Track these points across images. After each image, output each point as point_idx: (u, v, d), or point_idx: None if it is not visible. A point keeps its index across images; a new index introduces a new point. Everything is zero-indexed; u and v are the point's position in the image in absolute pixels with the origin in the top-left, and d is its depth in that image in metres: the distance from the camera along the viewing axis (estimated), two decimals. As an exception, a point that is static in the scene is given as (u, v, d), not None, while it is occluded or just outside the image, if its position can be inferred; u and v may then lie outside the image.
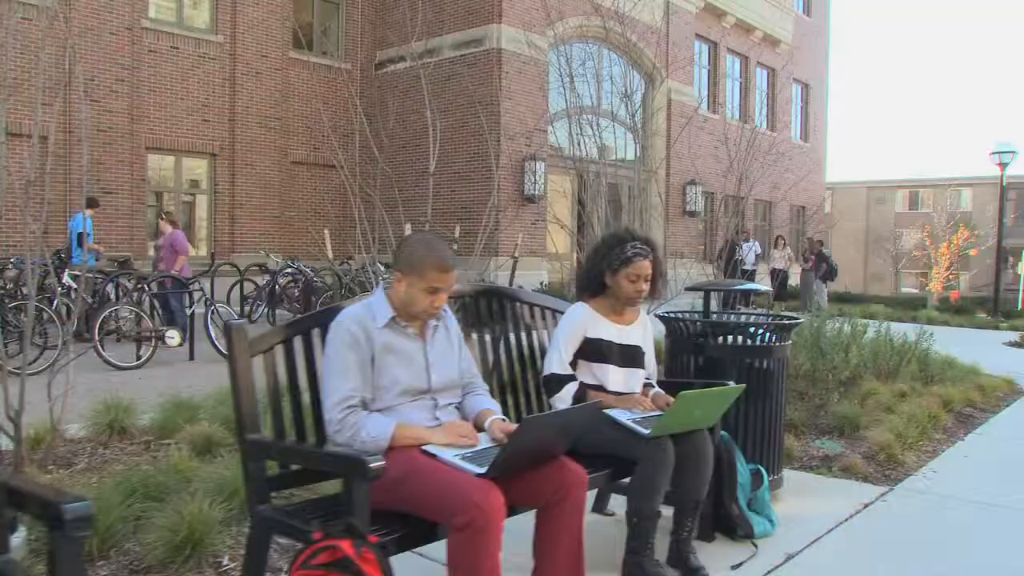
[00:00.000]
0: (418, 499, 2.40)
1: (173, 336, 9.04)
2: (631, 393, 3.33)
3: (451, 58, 16.80)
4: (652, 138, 20.58)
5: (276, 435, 2.70)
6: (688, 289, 4.25)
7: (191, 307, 9.56)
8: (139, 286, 9.84)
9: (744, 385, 3.28)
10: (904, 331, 8.22)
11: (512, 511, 2.55)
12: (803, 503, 4.16)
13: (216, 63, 16.22)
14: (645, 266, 3.31)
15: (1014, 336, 14.51)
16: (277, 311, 13.24)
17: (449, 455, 2.46)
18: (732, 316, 4.51)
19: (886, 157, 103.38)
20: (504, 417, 2.75)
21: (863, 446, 5.23)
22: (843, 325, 8.16)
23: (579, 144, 8.69)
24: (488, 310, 3.61)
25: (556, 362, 3.33)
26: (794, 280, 19.64)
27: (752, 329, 4.13)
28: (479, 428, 2.70)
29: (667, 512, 3.15)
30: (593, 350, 3.34)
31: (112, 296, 10.38)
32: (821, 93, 29.32)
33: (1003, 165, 18.05)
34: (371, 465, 2.16)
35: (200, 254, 16.28)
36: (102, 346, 8.46)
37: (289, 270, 13.64)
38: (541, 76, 16.89)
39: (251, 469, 2.55)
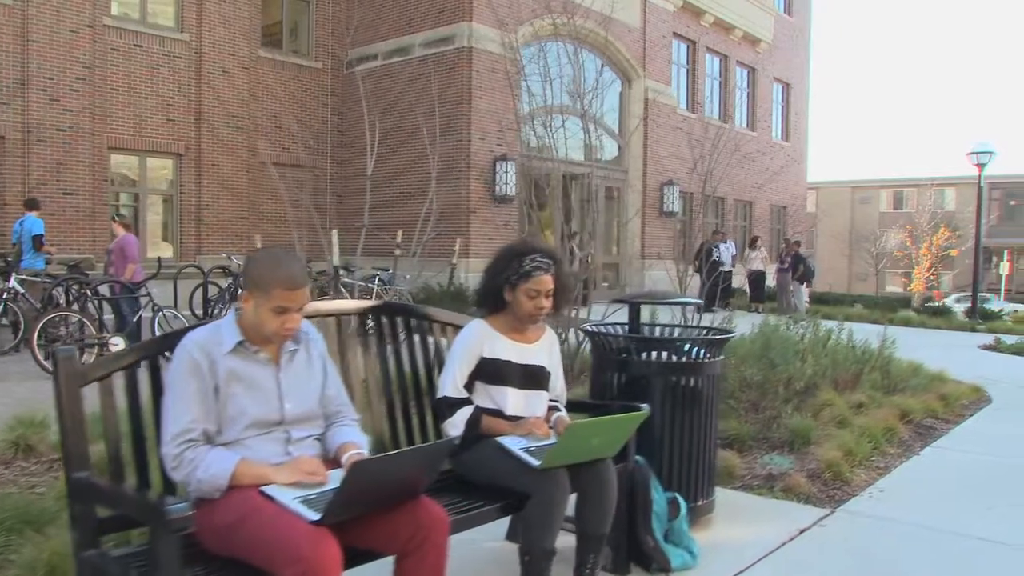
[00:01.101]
0: (249, 547, 2.14)
1: (118, 343, 8.72)
2: (530, 417, 3.07)
3: (421, 57, 16.52)
4: (628, 138, 20.38)
5: (112, 473, 2.42)
6: (614, 301, 3.99)
7: (138, 313, 9.26)
8: (82, 292, 9.52)
9: (647, 411, 3.02)
10: (873, 335, 8.01)
11: (366, 557, 2.29)
12: (735, 529, 3.91)
13: (181, 61, 15.88)
14: (546, 281, 3.06)
15: (990, 339, 14.33)
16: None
17: (288, 497, 2.19)
18: (662, 329, 4.24)
19: (871, 157, 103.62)
20: (363, 451, 2.48)
21: (812, 463, 4.99)
22: (805, 332, 7.95)
23: (547, 144, 8.46)
24: (389, 327, 3.35)
25: (449, 384, 3.07)
26: (772, 281, 19.41)
27: (679, 344, 3.87)
28: (338, 464, 2.43)
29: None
30: (490, 371, 3.08)
31: (62, 301, 10.07)
32: (802, 92, 29.14)
33: (980, 166, 17.88)
34: (168, 517, 1.89)
35: (165, 256, 15.95)
36: (42, 354, 8.16)
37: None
38: (513, 75, 16.61)
39: (75, 510, 2.28)
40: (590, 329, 4.00)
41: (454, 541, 2.44)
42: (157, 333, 9.14)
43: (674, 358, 3.79)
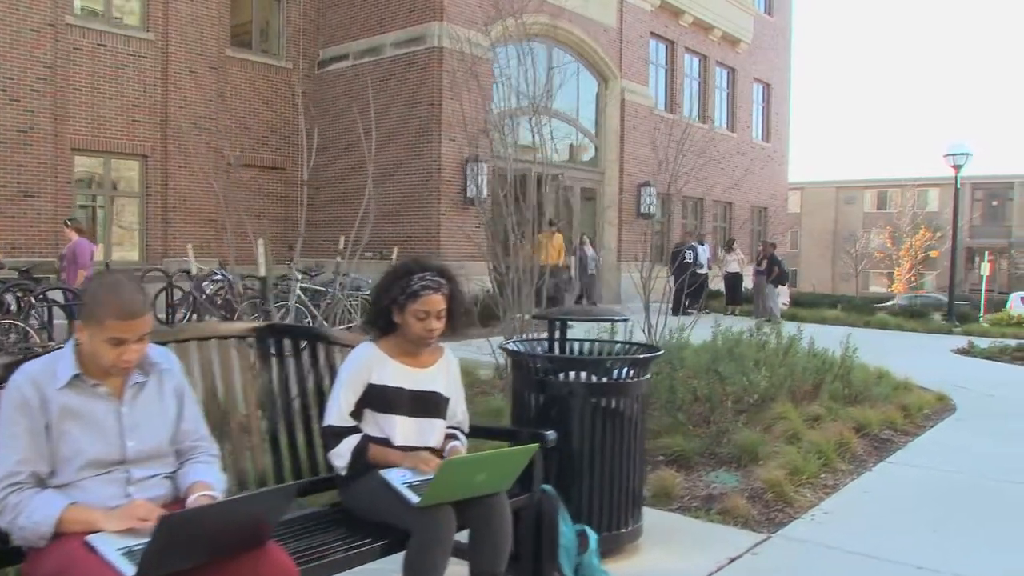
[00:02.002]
0: (65, 604, 1.92)
1: (64, 352, 8.46)
2: (422, 448, 2.86)
3: (392, 57, 16.29)
4: (605, 138, 20.21)
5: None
6: (535, 318, 3.79)
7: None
8: (25, 298, 9.26)
9: (536, 445, 2.81)
10: (843, 340, 7.84)
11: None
12: (660, 558, 3.71)
13: (147, 61, 15.60)
14: (435, 301, 2.85)
15: (964, 342, 14.21)
16: (207, 318, 12.72)
17: (112, 548, 1.98)
18: (588, 346, 4.03)
19: (857, 157, 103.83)
20: (212, 493, 2.26)
21: (757, 481, 4.80)
22: (766, 340, 7.78)
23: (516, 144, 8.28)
24: (276, 350, 3.13)
25: (334, 412, 2.86)
26: (749, 283, 19.23)
27: (601, 364, 3.67)
28: (183, 506, 2.22)
29: None
30: (378, 398, 2.87)
31: (13, 307, 9.82)
32: (783, 93, 29.02)
33: (957, 167, 17.76)
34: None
35: (131, 258, 15.70)
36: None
37: (217, 276, 13.09)
38: (485, 75, 16.39)
39: None
40: (510, 347, 3.79)
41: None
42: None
43: (594, 378, 3.59)
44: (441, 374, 3.01)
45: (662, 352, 3.93)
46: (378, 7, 16.74)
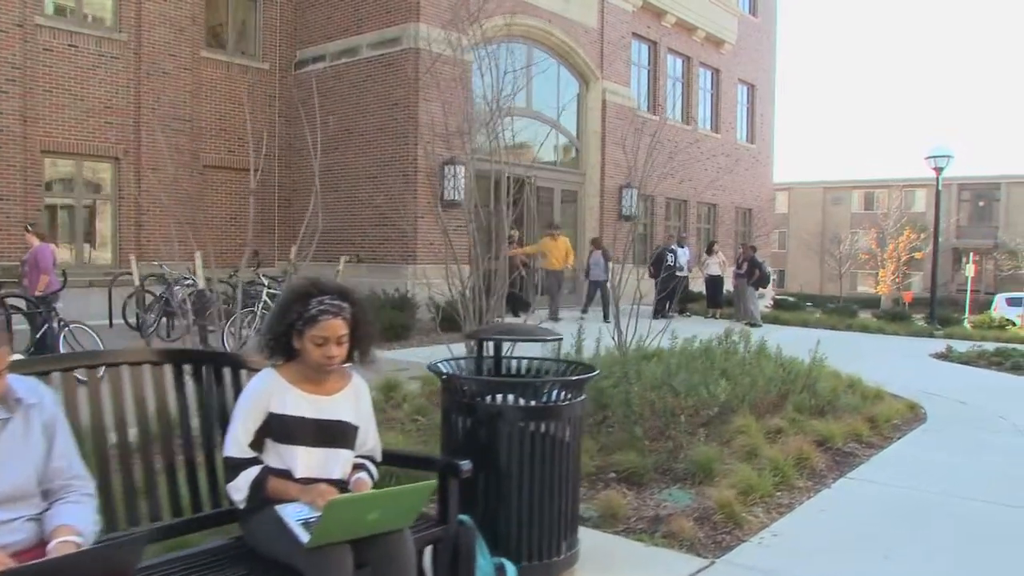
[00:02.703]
0: None
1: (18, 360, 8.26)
2: (325, 480, 2.70)
3: (369, 58, 16.11)
4: (586, 140, 20.06)
5: None
6: (467, 337, 3.64)
7: (42, 329, 8.80)
8: (-20, 307, 9.05)
9: (433, 483, 2.65)
10: (821, 345, 7.72)
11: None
12: (596, 588, 3.56)
13: (120, 62, 15.37)
14: (334, 326, 2.69)
15: (943, 346, 14.11)
16: (176, 323, 12.55)
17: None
18: (523, 365, 3.88)
19: (845, 157, 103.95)
20: (76, 538, 2.10)
21: (709, 501, 4.65)
22: (729, 348, 7.64)
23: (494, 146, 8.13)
24: (177, 376, 2.97)
25: (232, 443, 2.71)
26: (730, 286, 19.13)
27: (531, 387, 3.51)
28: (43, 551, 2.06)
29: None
30: (278, 428, 2.71)
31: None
32: (767, 94, 28.93)
33: (938, 169, 17.69)
34: None
35: (103, 262, 15.49)
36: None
37: (188, 280, 12.87)
38: (463, 76, 16.23)
39: None
40: (440, 367, 3.63)
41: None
42: (63, 351, 8.69)
43: (523, 401, 3.43)
44: (348, 401, 2.85)
45: (597, 373, 3.77)
46: (355, 7, 16.56)
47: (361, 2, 16.43)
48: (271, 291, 10.44)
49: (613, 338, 9.16)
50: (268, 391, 2.74)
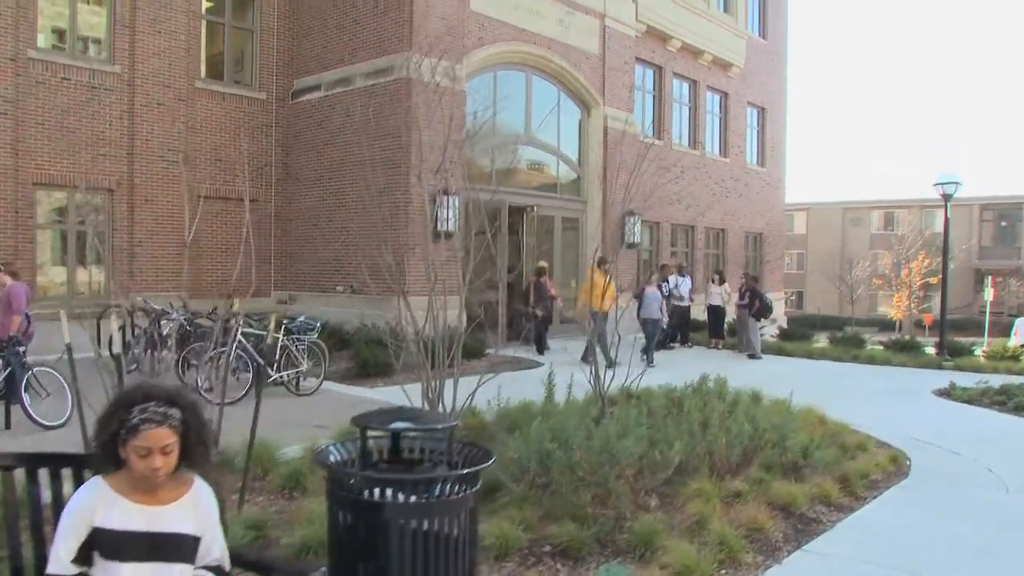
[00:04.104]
0: None
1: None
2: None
3: (362, 87, 16.00)
4: (588, 167, 19.83)
5: None
6: (354, 421, 3.40)
7: (6, 371, 8.65)
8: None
9: None
10: (823, 377, 7.42)
11: None
12: None
13: (113, 94, 15.35)
14: (158, 436, 2.46)
15: (949, 380, 13.66)
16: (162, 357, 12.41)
17: None
18: (418, 444, 3.60)
19: (865, 177, 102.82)
20: None
21: (647, 580, 4.36)
22: (706, 400, 7.35)
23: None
24: (30, 481, 2.74)
25: (54, 560, 2.48)
26: (733, 316, 18.73)
27: (413, 484, 3.24)
28: None
29: None
30: (105, 543, 2.48)
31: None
32: (779, 116, 28.58)
33: (946, 196, 17.24)
34: None
35: (95, 293, 15.42)
36: None
37: (171, 315, 12.73)
38: (458, 106, 16.08)
39: None
40: (328, 454, 3.38)
41: None
42: (24, 396, 8.54)
43: (401, 497, 3.16)
44: (186, 510, 2.61)
45: (492, 461, 3.49)
46: (350, 37, 16.48)
47: (355, 32, 16.35)
48: (246, 330, 10.23)
49: (589, 381, 8.90)
50: (92, 504, 2.51)
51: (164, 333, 12.72)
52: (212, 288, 16.77)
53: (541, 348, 16.00)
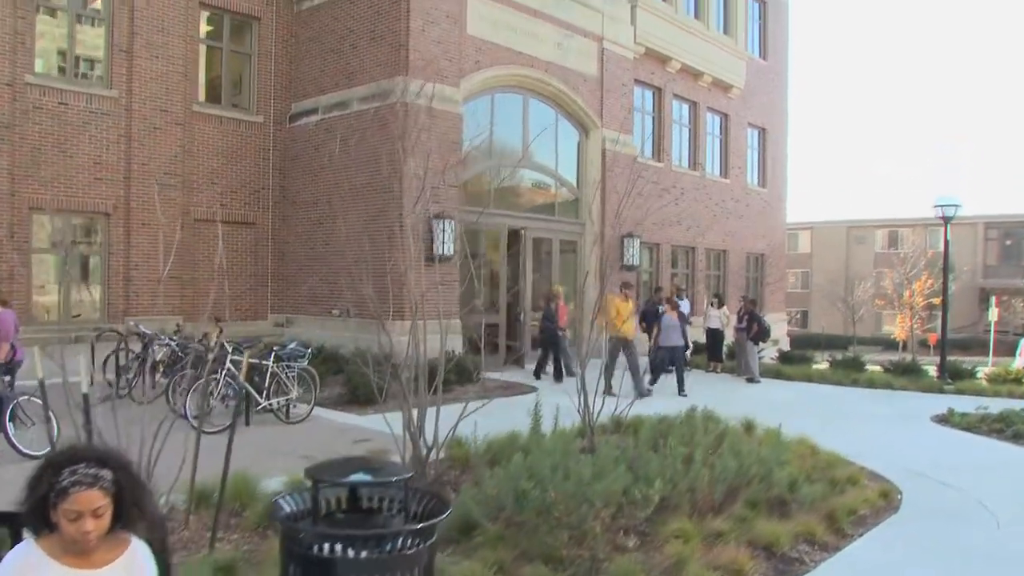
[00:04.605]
0: None
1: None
2: None
3: (359, 111, 16.01)
4: (586, 189, 19.80)
5: None
6: (308, 473, 3.32)
7: (-8, 401, 8.60)
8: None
9: None
10: (822, 401, 7.33)
11: None
12: None
13: (110, 119, 15.40)
14: (88, 499, 2.38)
15: (952, 404, 13.53)
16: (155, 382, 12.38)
17: None
18: (376, 495, 3.53)
19: (871, 196, 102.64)
20: None
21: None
22: (693, 432, 7.26)
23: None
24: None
25: (-25, 634, 2.40)
26: (732, 339, 18.61)
27: (365, 540, 3.16)
28: None
29: None
30: (34, 610, 2.40)
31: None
32: (780, 137, 28.55)
33: (945, 219, 17.14)
34: None
35: (91, 317, 15.39)
36: None
37: (163, 340, 12.69)
38: (454, 130, 16.10)
39: None
40: (280, 508, 3.31)
41: None
42: (9, 427, 8.48)
43: (352, 552, 3.09)
44: (120, 574, 2.53)
45: (448, 512, 3.41)
46: (347, 61, 16.52)
47: (352, 56, 16.39)
48: (235, 358, 10.16)
49: (579, 411, 8.81)
50: (22, 569, 2.44)
51: (157, 358, 12.70)
52: (209, 311, 16.74)
53: (558, 376, 15.60)
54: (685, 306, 18.05)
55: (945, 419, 12.34)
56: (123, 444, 4.94)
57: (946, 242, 17.67)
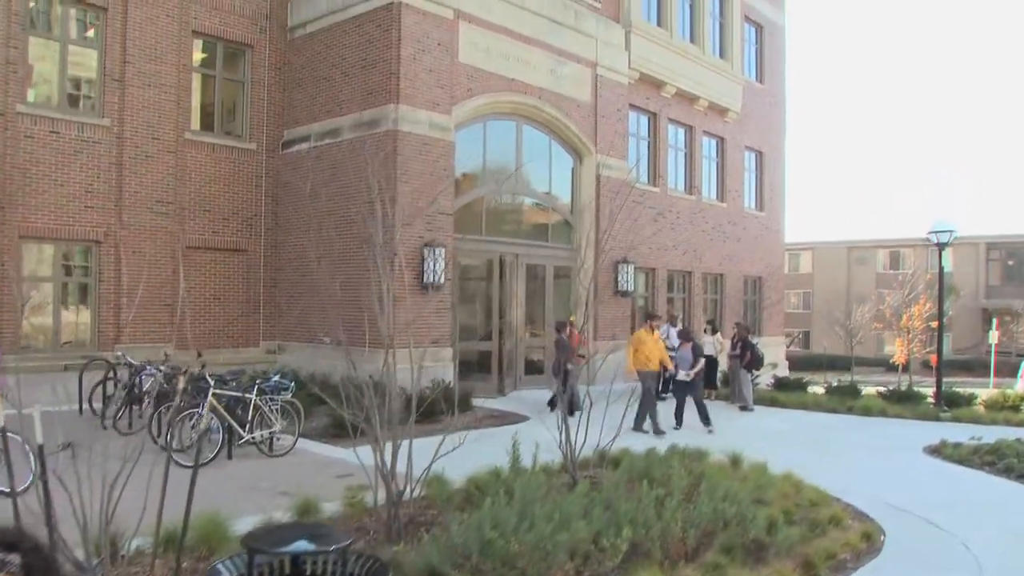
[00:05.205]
0: None
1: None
2: None
3: (350, 139, 16.01)
4: (580, 215, 19.76)
5: None
6: (244, 542, 3.24)
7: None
8: None
9: None
10: (817, 430, 7.20)
11: None
12: None
13: (102, 147, 15.42)
14: None
15: (948, 432, 13.39)
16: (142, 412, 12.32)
17: None
18: (312, 557, 3.45)
19: (872, 216, 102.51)
20: None
21: None
22: (670, 473, 7.16)
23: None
24: None
25: None
26: (725, 367, 18.49)
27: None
28: None
29: None
30: None
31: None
32: (777, 160, 28.53)
33: (940, 246, 17.05)
34: None
35: (81, 344, 15.35)
36: None
37: (149, 370, 12.61)
38: (445, 157, 16.09)
39: None
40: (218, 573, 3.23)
41: None
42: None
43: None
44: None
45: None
46: (338, 89, 16.55)
47: (344, 84, 16.42)
48: (216, 391, 10.09)
49: (561, 448, 8.72)
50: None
51: (145, 388, 12.64)
52: (201, 339, 16.71)
53: (572, 410, 14.65)
54: (666, 331, 17.92)
55: (937, 450, 12.20)
56: (86, 485, 4.88)
57: (940, 269, 17.57)
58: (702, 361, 14.48)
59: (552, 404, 15.10)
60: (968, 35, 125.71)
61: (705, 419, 13.65)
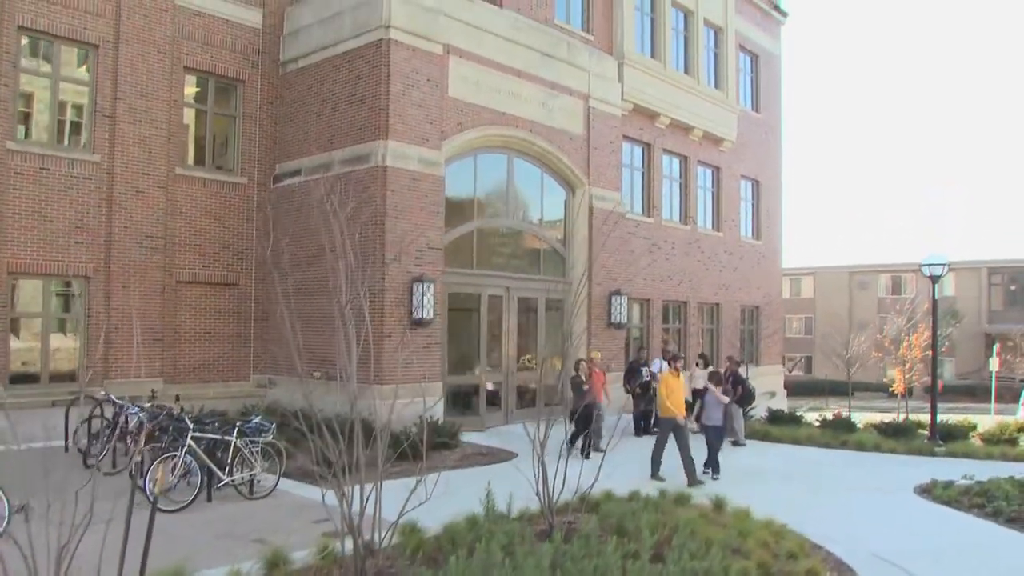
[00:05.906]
0: None
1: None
2: None
3: (340, 174, 16.03)
4: (573, 247, 19.72)
5: None
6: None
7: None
8: None
9: None
10: (808, 466, 7.10)
11: None
12: None
13: (92, 183, 15.43)
14: None
15: (942, 469, 13.27)
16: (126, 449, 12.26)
17: None
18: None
19: (874, 241, 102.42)
20: None
21: None
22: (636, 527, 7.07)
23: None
24: None
25: None
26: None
27: None
28: None
29: None
30: None
31: None
32: (774, 188, 28.54)
33: (933, 278, 16.96)
34: None
35: (70, 379, 15.29)
36: None
37: (133, 410, 12.55)
38: (435, 192, 16.08)
39: None
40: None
41: None
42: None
43: None
44: None
45: None
46: (328, 124, 16.59)
47: (334, 119, 16.46)
48: (195, 434, 10.02)
49: (538, 493, 8.62)
50: None
51: (129, 427, 12.57)
52: (191, 373, 16.69)
53: (585, 451, 13.25)
54: (659, 365, 17.80)
55: (928, 490, 12.06)
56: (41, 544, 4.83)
57: (934, 302, 17.45)
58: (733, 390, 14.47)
59: (573, 442, 12.62)
60: (960, 56, 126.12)
61: (715, 467, 13.03)
